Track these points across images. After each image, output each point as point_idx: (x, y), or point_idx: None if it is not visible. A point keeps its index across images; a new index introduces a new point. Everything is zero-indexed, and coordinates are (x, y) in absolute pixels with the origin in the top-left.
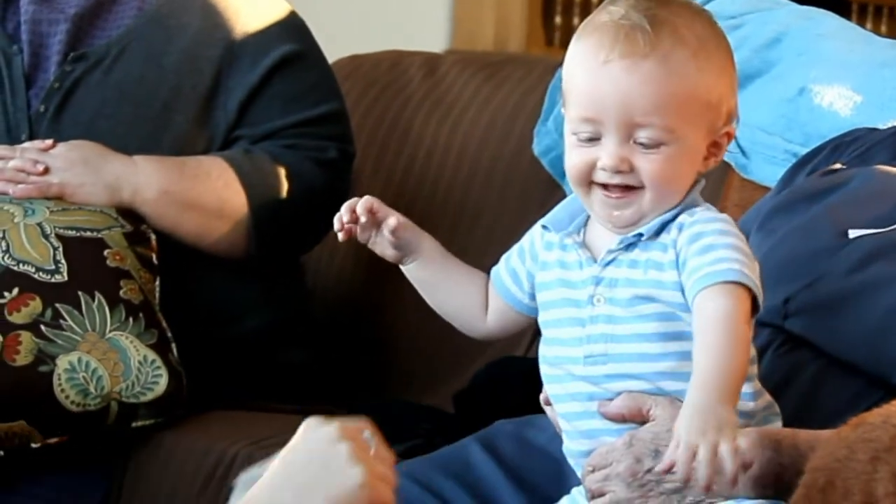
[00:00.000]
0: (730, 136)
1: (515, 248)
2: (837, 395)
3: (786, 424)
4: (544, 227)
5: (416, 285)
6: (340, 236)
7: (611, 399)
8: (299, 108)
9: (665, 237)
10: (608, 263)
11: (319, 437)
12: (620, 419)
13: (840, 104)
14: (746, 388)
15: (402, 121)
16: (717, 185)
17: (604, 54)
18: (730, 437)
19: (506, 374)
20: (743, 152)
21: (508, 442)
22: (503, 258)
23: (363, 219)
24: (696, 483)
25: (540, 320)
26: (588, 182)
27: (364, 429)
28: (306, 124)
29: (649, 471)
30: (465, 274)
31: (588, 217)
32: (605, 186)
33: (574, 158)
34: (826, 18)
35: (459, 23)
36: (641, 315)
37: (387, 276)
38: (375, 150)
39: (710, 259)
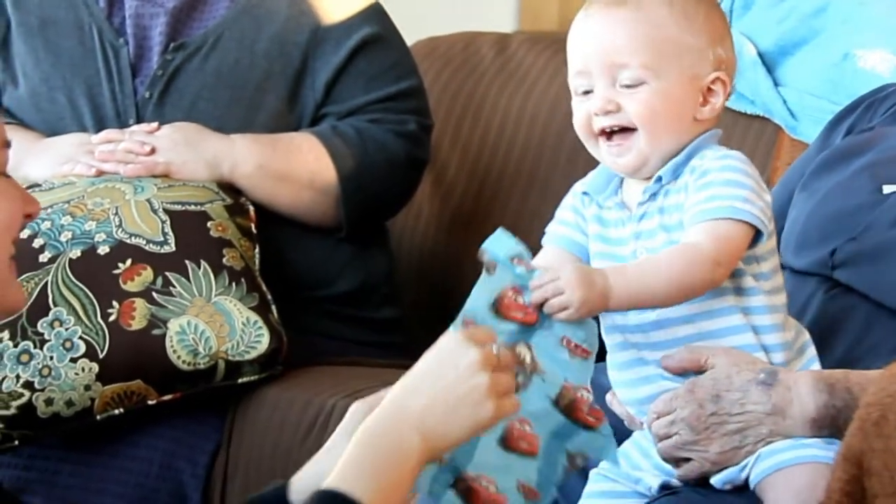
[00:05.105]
0: (724, 84)
1: (562, 213)
2: (887, 337)
3: (837, 364)
4: (585, 193)
5: None
6: None
7: (658, 348)
8: (381, 85)
9: (681, 181)
10: (642, 217)
11: (463, 365)
12: (681, 371)
13: (882, 67)
14: (775, 339)
15: (477, 96)
16: (769, 147)
17: (583, 13)
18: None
19: None
20: (792, 115)
21: None
22: (555, 222)
23: None
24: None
25: None
26: (592, 134)
27: (491, 342)
28: (387, 100)
29: (712, 414)
30: None
31: (622, 179)
32: (606, 136)
33: (576, 113)
34: None
35: (526, 5)
36: None
37: (467, 236)
38: (453, 124)
39: (704, 197)
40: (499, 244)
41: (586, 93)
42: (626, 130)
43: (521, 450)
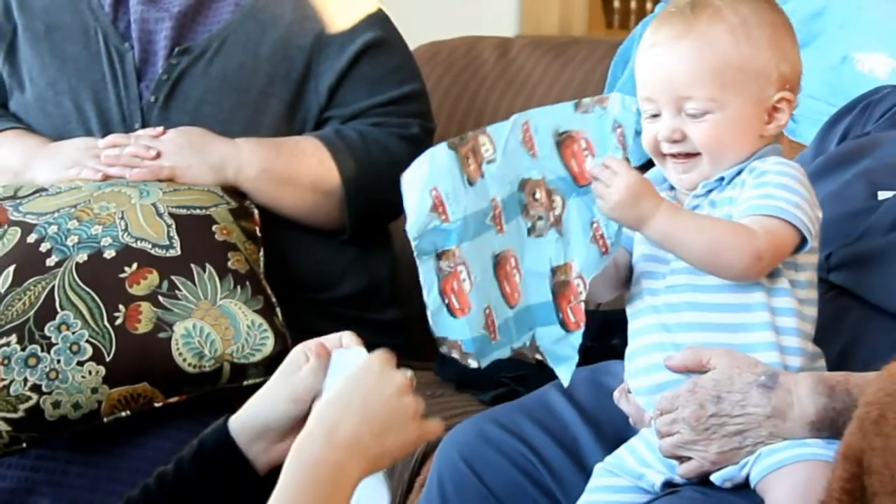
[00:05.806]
0: (789, 102)
1: None
2: (881, 338)
3: (832, 365)
4: None
5: None
6: None
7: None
8: (384, 89)
9: (738, 178)
10: (693, 209)
11: (390, 388)
12: (684, 370)
13: (880, 70)
14: (795, 343)
15: (478, 100)
16: None
17: (650, 39)
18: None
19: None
20: (792, 117)
21: (585, 387)
22: None
23: None
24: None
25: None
26: (660, 153)
27: (407, 371)
28: (391, 104)
29: (712, 415)
30: None
31: None
32: (672, 154)
33: (645, 134)
34: None
35: (527, 10)
36: None
37: None
38: (455, 127)
39: (758, 194)
40: (620, 106)
41: (654, 116)
42: (691, 154)
43: (503, 289)
